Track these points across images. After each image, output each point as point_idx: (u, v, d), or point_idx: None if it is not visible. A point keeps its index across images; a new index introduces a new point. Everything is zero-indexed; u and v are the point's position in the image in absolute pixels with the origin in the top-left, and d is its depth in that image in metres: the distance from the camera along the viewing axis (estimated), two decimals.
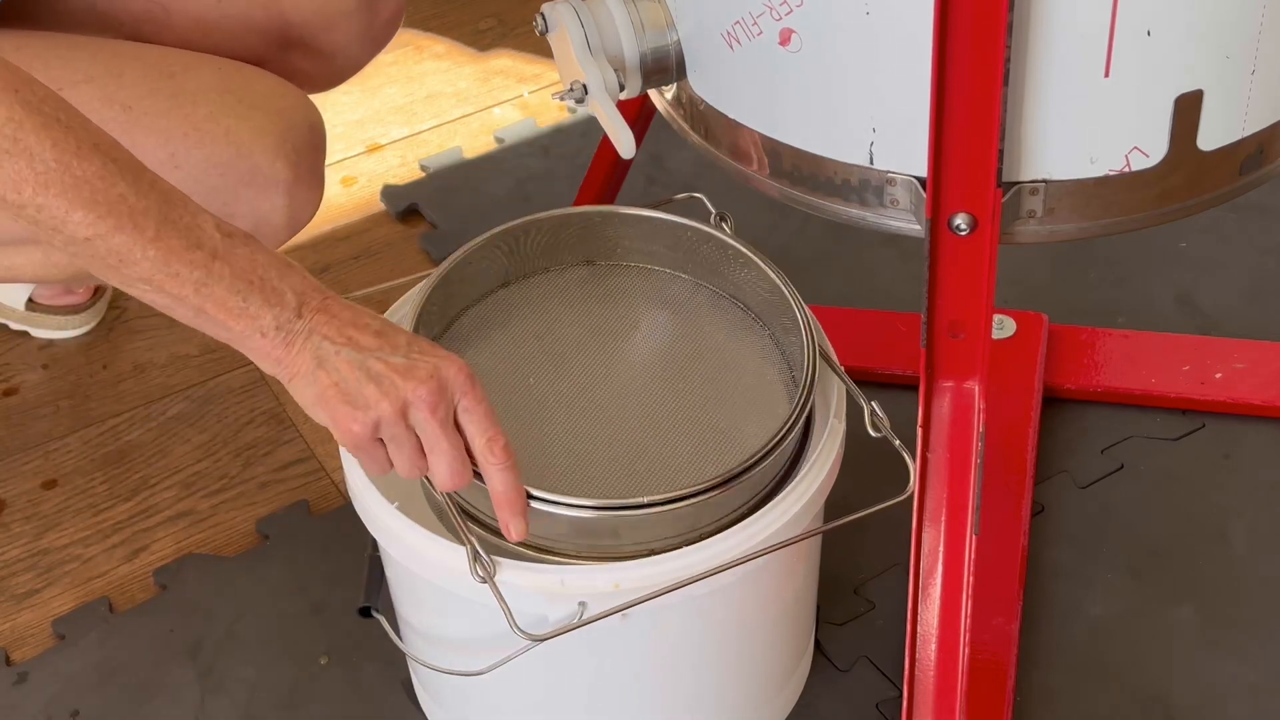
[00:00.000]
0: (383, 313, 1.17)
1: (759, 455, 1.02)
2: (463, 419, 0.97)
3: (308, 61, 1.28)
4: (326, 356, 0.94)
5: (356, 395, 0.94)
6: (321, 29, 1.26)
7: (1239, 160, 1.03)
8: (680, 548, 1.01)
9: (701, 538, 1.02)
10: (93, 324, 1.58)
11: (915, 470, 1.05)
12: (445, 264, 1.12)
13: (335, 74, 1.32)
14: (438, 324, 1.13)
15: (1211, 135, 1.01)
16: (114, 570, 1.37)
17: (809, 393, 1.05)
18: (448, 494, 1.00)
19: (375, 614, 1.12)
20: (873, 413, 1.05)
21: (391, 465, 0.98)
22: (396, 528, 1.04)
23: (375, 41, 1.31)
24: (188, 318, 0.93)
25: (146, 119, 1.12)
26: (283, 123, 1.15)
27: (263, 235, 1.17)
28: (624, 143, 1.09)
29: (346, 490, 1.11)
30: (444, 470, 0.97)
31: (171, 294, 0.92)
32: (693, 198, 1.20)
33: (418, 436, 0.96)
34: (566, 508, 1.00)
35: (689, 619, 1.06)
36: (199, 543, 1.38)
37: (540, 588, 0.99)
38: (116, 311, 1.60)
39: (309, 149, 1.17)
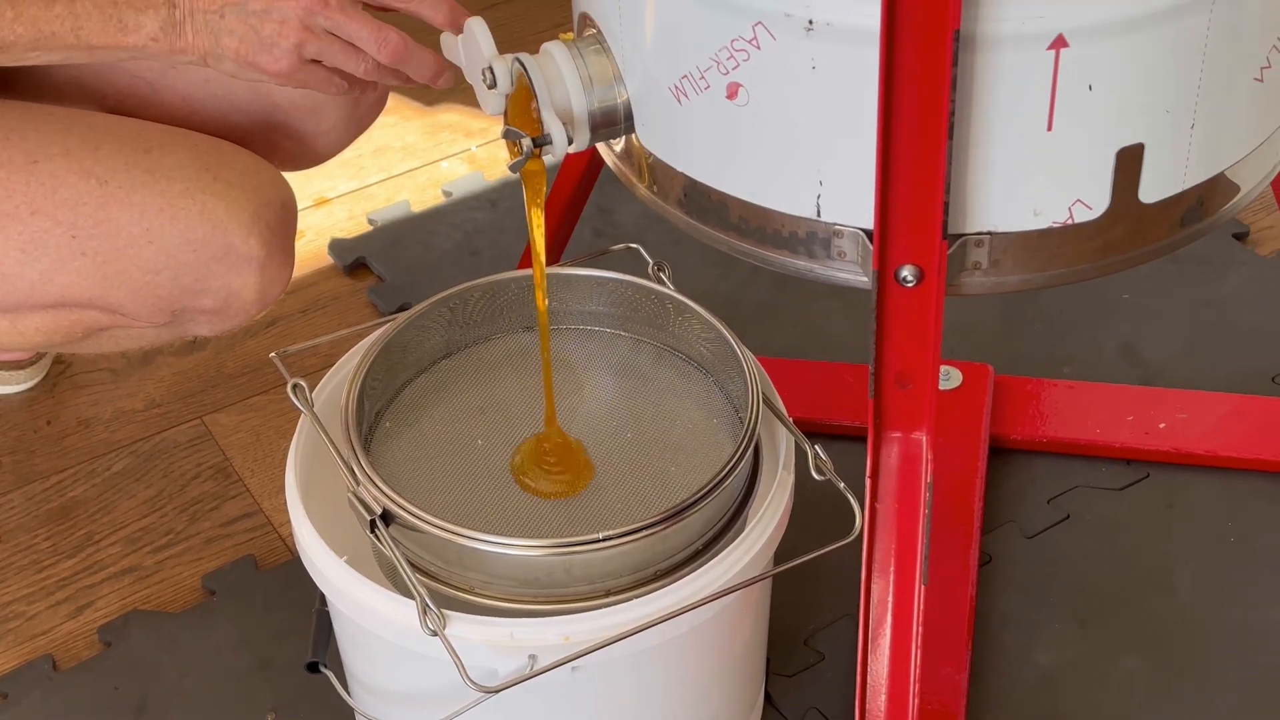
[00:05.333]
0: (329, 367, 1.17)
1: (705, 490, 1.02)
2: (345, 36, 1.07)
3: (290, 142, 1.29)
4: (216, 27, 1.04)
5: (261, 39, 1.04)
6: (308, 113, 1.26)
7: (1180, 212, 1.05)
8: (633, 588, 1.01)
9: (656, 576, 1.02)
10: (37, 379, 1.57)
11: (862, 514, 1.05)
12: (381, 333, 1.12)
13: (316, 156, 1.32)
14: (381, 399, 1.12)
15: (1153, 188, 1.02)
16: (58, 627, 1.35)
17: (754, 428, 1.05)
18: (396, 546, 1.00)
19: (323, 669, 1.11)
20: (816, 456, 1.06)
21: (342, 76, 1.09)
22: (344, 582, 1.03)
23: (358, 125, 1.31)
24: (87, 59, 1.05)
25: (122, 193, 1.12)
26: (257, 200, 1.15)
27: (233, 310, 1.18)
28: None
29: (294, 545, 1.10)
30: (383, 47, 1.08)
31: (59, 48, 1.03)
32: (629, 248, 1.20)
33: (338, 39, 1.06)
34: (519, 549, 0.99)
35: (639, 671, 1.06)
36: (144, 599, 1.37)
37: (490, 640, 0.99)
38: (61, 367, 1.59)
39: (281, 227, 1.17)
